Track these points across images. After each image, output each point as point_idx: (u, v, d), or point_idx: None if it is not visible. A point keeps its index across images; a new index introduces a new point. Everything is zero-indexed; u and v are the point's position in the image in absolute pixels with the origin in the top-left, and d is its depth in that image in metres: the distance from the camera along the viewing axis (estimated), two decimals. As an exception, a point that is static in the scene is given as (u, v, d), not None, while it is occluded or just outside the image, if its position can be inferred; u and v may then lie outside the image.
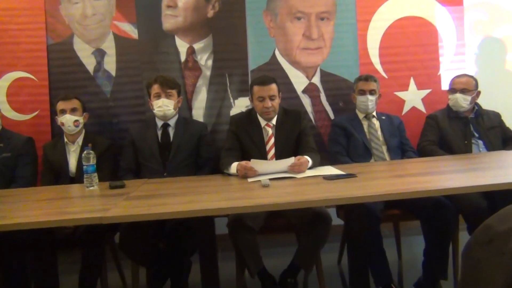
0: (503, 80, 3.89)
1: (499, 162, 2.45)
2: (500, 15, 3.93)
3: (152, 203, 1.90)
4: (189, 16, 3.21)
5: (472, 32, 3.77)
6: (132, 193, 2.14)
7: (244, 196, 1.98)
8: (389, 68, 3.35)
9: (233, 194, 2.05)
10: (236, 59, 3.27)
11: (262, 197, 1.91)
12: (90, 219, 1.70)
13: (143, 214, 1.73)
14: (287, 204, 1.78)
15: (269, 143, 2.70)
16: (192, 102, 3.25)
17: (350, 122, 2.99)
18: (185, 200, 1.95)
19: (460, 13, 3.39)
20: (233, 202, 1.86)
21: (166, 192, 2.17)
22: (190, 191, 2.16)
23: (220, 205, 1.81)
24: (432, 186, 1.92)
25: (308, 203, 1.82)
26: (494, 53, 3.97)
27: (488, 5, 3.91)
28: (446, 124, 2.98)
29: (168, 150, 2.78)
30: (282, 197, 1.89)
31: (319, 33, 3.29)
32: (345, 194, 1.84)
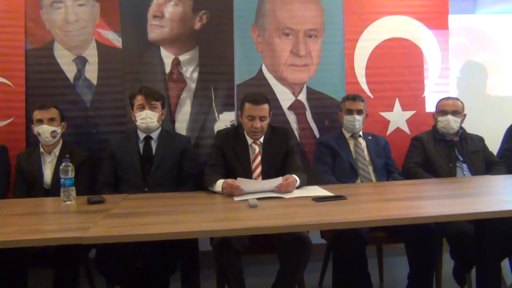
0: (484, 105, 3.95)
1: (485, 188, 2.45)
2: (481, 40, 4.01)
3: (134, 223, 1.80)
4: (176, 27, 3.14)
5: (454, 56, 3.83)
6: (112, 210, 2.03)
7: (231, 217, 1.90)
8: (375, 88, 3.35)
9: (219, 215, 1.97)
10: (222, 72, 3.21)
11: (250, 219, 1.84)
12: (68, 239, 1.59)
13: (125, 235, 1.63)
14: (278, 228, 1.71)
15: (255, 161, 2.64)
16: (176, 115, 3.16)
17: (336, 141, 2.97)
18: (169, 220, 1.86)
19: (445, 37, 3.43)
20: (220, 224, 1.78)
21: (148, 210, 2.07)
22: (174, 209, 2.06)
23: (206, 227, 1.73)
24: (421, 212, 1.90)
25: (299, 227, 1.76)
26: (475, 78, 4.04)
27: (470, 30, 3.99)
28: (431, 146, 2.98)
29: (149, 164, 2.68)
30: (271, 220, 1.82)
31: (306, 50, 3.27)
32: (337, 219, 1.79)
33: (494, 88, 4.07)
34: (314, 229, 2.06)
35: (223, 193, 2.35)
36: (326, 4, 3.28)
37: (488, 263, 2.46)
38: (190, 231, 1.70)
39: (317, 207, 2.03)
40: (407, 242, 2.50)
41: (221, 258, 2.17)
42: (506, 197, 2.19)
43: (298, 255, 2.26)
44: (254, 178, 2.61)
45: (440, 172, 2.88)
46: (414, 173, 2.89)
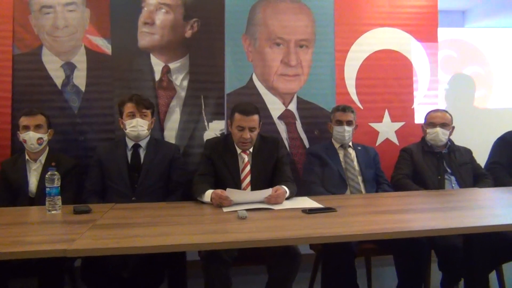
0: (471, 117, 4.00)
1: (473, 201, 2.46)
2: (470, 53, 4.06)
3: (121, 235, 1.77)
4: (166, 35, 3.12)
5: (443, 68, 3.87)
6: (98, 221, 2.00)
7: (220, 230, 1.88)
8: (364, 99, 3.36)
9: (208, 227, 1.94)
10: (213, 81, 3.19)
11: (239, 231, 1.82)
12: (52, 251, 1.55)
13: (111, 248, 1.59)
14: (268, 241, 1.69)
15: (244, 170, 2.62)
16: (165, 123, 3.13)
17: (326, 151, 2.96)
18: (156, 232, 1.82)
19: (434, 50, 3.46)
20: (209, 236, 1.75)
21: (135, 221, 2.03)
22: (161, 220, 2.03)
23: (194, 240, 1.70)
24: (410, 226, 1.89)
25: (289, 241, 1.74)
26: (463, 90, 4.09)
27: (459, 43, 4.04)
28: (420, 158, 2.99)
29: (137, 172, 2.65)
30: (261, 233, 1.80)
31: (297, 60, 3.27)
32: (326, 232, 1.77)
33: (481, 100, 4.12)
34: (303, 242, 2.04)
35: (212, 203, 2.33)
36: (317, 15, 3.28)
37: (477, 275, 2.47)
38: (177, 244, 1.67)
39: (307, 220, 2.01)
40: (396, 254, 2.50)
41: (209, 269, 2.15)
42: (494, 211, 2.20)
43: (287, 266, 2.24)
44: (243, 187, 2.59)
45: (428, 184, 2.89)
46: (403, 185, 2.90)
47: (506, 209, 2.22)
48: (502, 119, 3.82)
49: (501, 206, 2.32)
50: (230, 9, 3.18)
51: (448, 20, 3.86)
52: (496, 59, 4.11)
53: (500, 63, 4.12)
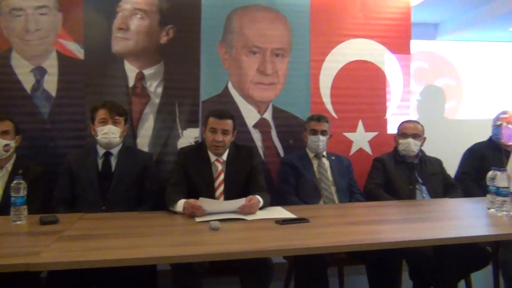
0: (442, 128, 4.09)
1: (443, 212, 2.50)
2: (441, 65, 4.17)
3: (89, 247, 1.72)
4: (141, 41, 3.07)
5: (415, 80, 3.95)
6: (66, 232, 1.94)
7: (191, 242, 1.85)
8: (339, 108, 3.39)
9: (179, 238, 1.91)
10: (187, 88, 3.16)
11: (211, 243, 1.80)
12: (13, 266, 1.49)
13: (78, 261, 1.55)
14: (240, 253, 1.67)
15: (218, 179, 2.60)
16: (138, 130, 3.08)
17: (300, 160, 2.97)
18: (126, 244, 1.78)
19: (407, 61, 3.52)
20: (180, 248, 1.72)
21: (105, 232, 1.98)
22: (132, 232, 1.99)
23: (165, 252, 1.67)
24: (382, 238, 1.91)
25: (261, 253, 1.73)
26: (435, 101, 4.18)
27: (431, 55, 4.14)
28: (392, 168, 3.03)
29: (108, 181, 2.59)
30: (233, 244, 1.78)
31: (273, 69, 3.27)
32: (299, 244, 1.77)
33: (452, 112, 4.23)
34: (276, 255, 2.04)
35: (185, 213, 2.29)
36: (294, 25, 3.30)
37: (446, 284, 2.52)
38: (147, 257, 1.63)
39: (280, 231, 2.00)
40: (368, 263, 2.53)
41: (180, 281, 2.11)
42: (463, 222, 2.24)
43: (260, 277, 2.23)
44: (217, 196, 2.57)
45: (400, 194, 2.93)
46: (375, 195, 2.93)
47: (474, 220, 2.26)
48: (471, 130, 3.91)
49: (470, 217, 2.37)
50: (206, 16, 3.16)
51: (421, 33, 3.95)
52: (466, 72, 4.23)
53: (470, 76, 4.24)
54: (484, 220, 2.24)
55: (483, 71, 4.26)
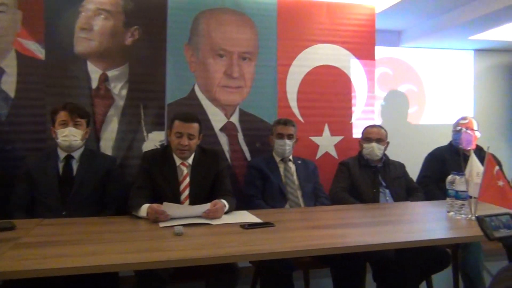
0: (405, 132, 4.19)
1: (405, 215, 2.56)
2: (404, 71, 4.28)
3: (46, 254, 1.66)
4: (105, 42, 3.00)
5: (380, 85, 4.04)
6: (22, 239, 1.86)
7: (154, 248, 1.81)
8: (305, 113, 3.42)
9: (142, 244, 1.86)
10: (153, 90, 3.11)
11: (174, 249, 1.77)
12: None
13: (34, 269, 1.49)
14: (202, 259, 1.65)
15: (183, 183, 2.57)
16: (101, 133, 3.00)
17: (267, 164, 2.98)
18: (87, 251, 1.73)
19: (371, 67, 3.59)
20: (142, 255, 1.69)
21: (65, 238, 1.92)
22: (93, 238, 1.93)
23: (127, 259, 1.63)
24: (346, 242, 1.93)
25: (226, 259, 1.71)
26: (398, 106, 4.28)
27: (395, 61, 4.24)
28: (357, 171, 3.07)
29: (69, 186, 2.50)
30: (197, 250, 1.75)
31: (240, 73, 3.27)
32: (264, 248, 1.77)
33: (415, 117, 4.34)
34: (240, 260, 2.03)
35: (148, 218, 2.25)
36: (261, 29, 3.31)
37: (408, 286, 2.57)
38: (109, 265, 1.59)
39: (245, 235, 2.00)
40: (332, 266, 2.55)
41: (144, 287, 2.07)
42: (424, 225, 2.31)
43: (225, 282, 2.22)
44: (182, 200, 2.54)
45: (364, 197, 2.97)
46: (340, 198, 2.96)
47: (434, 224, 2.33)
48: (433, 134, 4.04)
49: (430, 220, 2.44)
50: (172, 18, 3.12)
51: (385, 39, 4.04)
52: (428, 78, 4.35)
53: (432, 82, 4.36)
54: (443, 223, 2.31)
55: (444, 78, 4.40)
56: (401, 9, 3.51)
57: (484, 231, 0.87)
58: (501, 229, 0.86)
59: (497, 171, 2.10)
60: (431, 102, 4.37)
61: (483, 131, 3.42)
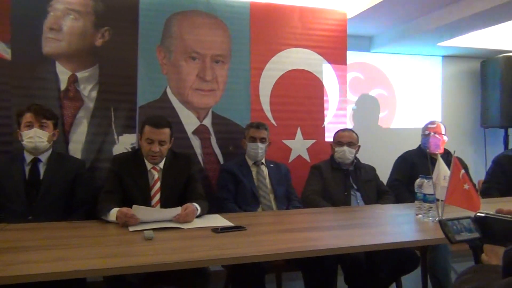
0: (376, 136, 4.26)
1: (376, 218, 2.58)
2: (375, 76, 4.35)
3: (10, 260, 1.60)
4: (74, 42, 2.94)
5: (351, 89, 4.10)
6: (-16, 245, 1.80)
7: (123, 253, 1.78)
8: (278, 116, 3.43)
9: (110, 249, 1.82)
10: (124, 92, 3.06)
11: (144, 254, 1.74)
12: None
13: (-4, 277, 1.44)
14: (172, 264, 1.63)
15: (154, 187, 2.53)
16: (70, 135, 2.94)
17: (240, 168, 2.97)
18: (53, 256, 1.68)
19: (343, 72, 3.63)
20: (110, 260, 1.65)
21: (30, 244, 1.86)
22: (60, 243, 1.88)
23: (95, 265, 1.59)
24: (317, 245, 1.93)
25: (197, 263, 1.69)
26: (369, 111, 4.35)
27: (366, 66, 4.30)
28: (329, 175, 3.10)
29: (36, 189, 2.44)
30: (167, 255, 1.73)
31: (213, 75, 3.25)
32: (234, 253, 1.75)
33: (385, 121, 4.42)
34: (212, 264, 2.02)
35: (118, 222, 2.21)
36: (234, 32, 3.30)
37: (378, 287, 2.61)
38: (76, 271, 1.55)
39: (216, 239, 1.98)
40: (304, 269, 2.56)
41: (113, 293, 2.03)
42: (393, 228, 2.34)
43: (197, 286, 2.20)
44: (153, 205, 2.50)
45: (336, 200, 3.00)
46: (312, 201, 2.98)
47: (403, 226, 2.37)
48: (403, 138, 4.11)
49: (400, 222, 2.48)
50: (144, 20, 3.08)
51: (356, 45, 4.10)
52: (398, 83, 4.44)
53: (402, 87, 4.45)
54: (412, 226, 2.35)
55: (413, 83, 4.50)
56: (372, 15, 3.57)
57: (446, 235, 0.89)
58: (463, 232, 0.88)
59: (462, 175, 2.15)
60: (401, 106, 4.46)
61: (451, 135, 3.51)
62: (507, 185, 3.33)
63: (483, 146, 4.64)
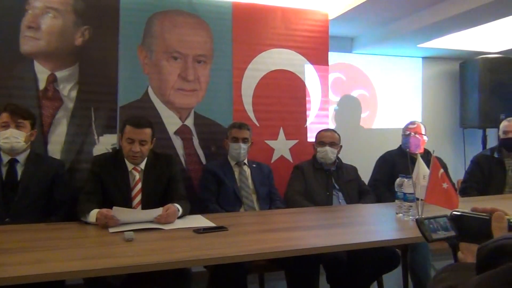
0: (358, 136, 4.30)
1: (357, 217, 2.61)
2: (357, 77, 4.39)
3: (-15, 264, 1.57)
4: (54, 41, 2.89)
5: (333, 90, 4.12)
6: (-41, 248, 1.75)
7: (103, 254, 1.75)
8: (261, 116, 3.43)
9: (90, 251, 1.80)
10: (104, 92, 3.03)
11: (124, 256, 1.71)
12: None
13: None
14: (153, 265, 1.62)
15: (135, 188, 2.51)
16: (49, 136, 2.89)
17: (222, 168, 2.96)
18: (30, 259, 1.65)
19: (325, 72, 3.65)
20: (90, 262, 1.63)
21: (7, 246, 1.82)
22: (38, 245, 1.85)
23: (74, 267, 1.57)
24: (299, 244, 1.94)
25: (178, 264, 1.68)
26: (351, 111, 4.38)
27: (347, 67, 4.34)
28: (311, 175, 3.12)
29: (13, 191, 2.39)
30: (147, 256, 1.71)
31: (195, 75, 3.24)
32: (216, 253, 1.75)
33: (367, 121, 4.46)
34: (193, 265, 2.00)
35: (97, 224, 2.18)
36: (216, 32, 3.29)
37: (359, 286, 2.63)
38: (55, 273, 1.52)
39: (198, 240, 1.97)
40: (286, 269, 2.56)
41: (92, 296, 2.00)
42: (374, 227, 2.37)
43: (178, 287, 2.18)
44: (134, 206, 2.48)
45: (318, 200, 3.01)
46: (294, 201, 2.99)
47: (384, 225, 2.39)
48: (385, 138, 4.16)
49: (380, 221, 2.50)
50: (125, 19, 3.05)
51: (338, 45, 4.13)
52: (380, 84, 4.49)
53: (383, 88, 4.50)
54: (392, 225, 2.38)
55: (394, 84, 4.55)
56: (353, 16, 3.60)
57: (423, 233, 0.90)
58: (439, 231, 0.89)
59: (441, 174, 2.18)
60: (383, 107, 4.51)
61: (431, 135, 3.56)
62: (485, 184, 3.40)
63: (462, 146, 4.72)
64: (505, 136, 3.36)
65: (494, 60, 4.34)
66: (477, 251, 0.60)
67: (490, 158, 3.43)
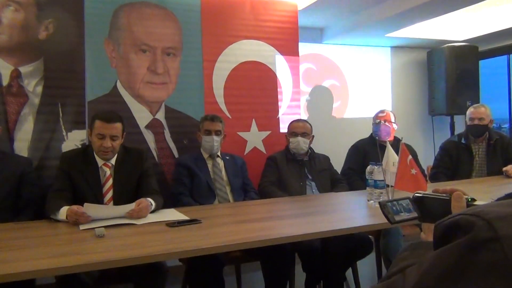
0: (330, 126, 4.34)
1: (330, 205, 2.64)
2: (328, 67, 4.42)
3: (-52, 266, 1.51)
4: (16, 35, 2.80)
5: (304, 81, 4.14)
6: None
7: (74, 251, 1.72)
8: (232, 108, 3.42)
9: (60, 248, 1.76)
10: (71, 87, 2.95)
11: (95, 252, 1.69)
12: None
13: None
14: (124, 260, 1.59)
15: (106, 184, 2.46)
16: (15, 133, 2.80)
17: (195, 161, 2.95)
18: (-2, 259, 1.61)
19: (296, 63, 3.67)
20: (60, 260, 1.59)
21: (-28, 247, 1.77)
22: (6, 245, 1.80)
23: (44, 265, 1.53)
24: (273, 234, 1.95)
25: (150, 258, 1.66)
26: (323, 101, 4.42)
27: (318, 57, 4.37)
28: (284, 165, 3.13)
29: (-22, 191, 2.32)
30: (119, 251, 1.69)
31: (164, 68, 3.19)
32: (189, 246, 1.74)
33: (339, 111, 4.50)
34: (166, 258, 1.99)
35: (68, 221, 2.13)
36: (184, 24, 3.25)
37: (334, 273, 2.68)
38: (24, 272, 1.48)
39: (171, 233, 1.96)
40: (262, 259, 2.57)
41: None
42: (347, 214, 2.40)
43: (154, 282, 2.16)
44: (105, 202, 2.44)
45: (292, 190, 3.03)
46: (268, 192, 3.00)
47: (357, 212, 2.43)
48: (356, 127, 4.22)
49: (353, 209, 2.54)
50: (90, 11, 2.98)
51: (308, 36, 4.15)
52: (350, 74, 4.53)
53: (354, 77, 4.55)
54: (364, 211, 2.42)
55: (364, 73, 4.61)
56: (322, 7, 3.62)
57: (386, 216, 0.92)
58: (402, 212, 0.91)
59: (410, 160, 2.23)
60: (354, 96, 4.56)
61: (401, 123, 3.63)
62: (453, 170, 3.50)
63: (431, 133, 4.84)
64: (471, 123, 3.46)
65: (459, 49, 4.44)
66: (434, 228, 0.62)
67: (458, 144, 3.53)
